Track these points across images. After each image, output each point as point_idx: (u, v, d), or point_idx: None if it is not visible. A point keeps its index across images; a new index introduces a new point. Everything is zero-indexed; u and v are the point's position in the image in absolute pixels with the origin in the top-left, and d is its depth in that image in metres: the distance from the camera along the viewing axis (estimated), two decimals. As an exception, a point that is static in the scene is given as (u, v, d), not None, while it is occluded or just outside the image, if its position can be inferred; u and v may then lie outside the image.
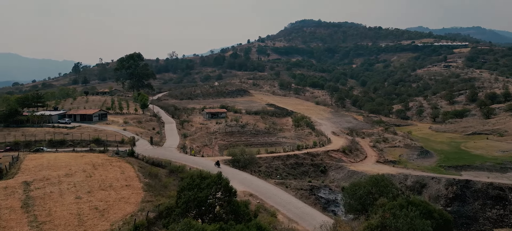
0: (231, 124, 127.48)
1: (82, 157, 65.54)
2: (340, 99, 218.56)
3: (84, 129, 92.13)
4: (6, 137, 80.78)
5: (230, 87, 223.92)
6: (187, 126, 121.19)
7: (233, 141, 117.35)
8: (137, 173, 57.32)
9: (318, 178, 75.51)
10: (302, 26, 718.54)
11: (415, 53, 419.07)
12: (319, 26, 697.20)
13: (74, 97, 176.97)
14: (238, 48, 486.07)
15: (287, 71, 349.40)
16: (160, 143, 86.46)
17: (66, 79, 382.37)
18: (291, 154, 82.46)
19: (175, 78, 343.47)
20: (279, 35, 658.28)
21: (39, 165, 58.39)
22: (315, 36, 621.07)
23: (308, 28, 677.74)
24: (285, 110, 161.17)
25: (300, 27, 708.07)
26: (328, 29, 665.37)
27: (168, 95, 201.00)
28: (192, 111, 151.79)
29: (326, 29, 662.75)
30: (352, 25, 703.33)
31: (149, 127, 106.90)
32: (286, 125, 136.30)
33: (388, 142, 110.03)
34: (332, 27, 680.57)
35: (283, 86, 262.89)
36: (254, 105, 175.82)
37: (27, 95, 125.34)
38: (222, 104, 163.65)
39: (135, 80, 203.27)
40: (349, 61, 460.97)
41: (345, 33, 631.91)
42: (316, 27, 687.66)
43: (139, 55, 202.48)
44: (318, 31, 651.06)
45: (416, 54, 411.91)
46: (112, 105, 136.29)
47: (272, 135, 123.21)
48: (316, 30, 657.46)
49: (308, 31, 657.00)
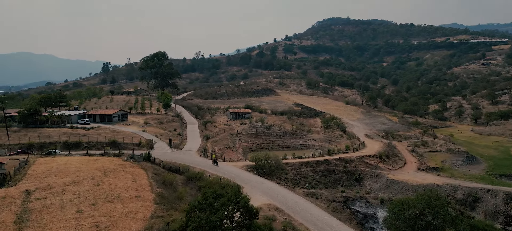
0: (256, 124, 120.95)
1: (94, 161, 60.80)
2: (371, 99, 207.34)
3: (102, 130, 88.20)
4: (22, 138, 77.77)
5: (256, 87, 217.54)
6: (210, 127, 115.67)
7: (257, 143, 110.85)
8: (150, 181, 51.65)
9: (352, 187, 67.53)
10: (330, 24, 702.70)
11: (450, 51, 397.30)
12: (347, 23, 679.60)
13: (99, 96, 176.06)
14: (265, 47, 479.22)
15: (314, 70, 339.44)
16: (179, 145, 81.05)
17: (96, 79, 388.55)
18: (321, 160, 74.79)
19: (201, 77, 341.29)
20: (306, 33, 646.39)
21: (47, 170, 53.92)
22: (344, 34, 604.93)
23: (336, 26, 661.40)
24: (313, 110, 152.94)
25: (328, 25, 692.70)
26: (357, 26, 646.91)
27: (192, 95, 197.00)
28: (216, 112, 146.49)
29: (355, 27, 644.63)
30: (382, 22, 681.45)
31: (170, 128, 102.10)
32: (314, 126, 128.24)
33: (428, 146, 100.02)
34: (361, 24, 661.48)
35: (311, 85, 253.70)
36: (280, 105, 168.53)
37: (50, 94, 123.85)
38: (247, 104, 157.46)
39: (160, 80, 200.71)
40: (379, 59, 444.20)
41: (375, 30, 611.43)
42: (345, 25, 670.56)
43: (163, 54, 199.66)
44: (346, 29, 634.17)
45: (451, 52, 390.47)
46: (135, 105, 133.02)
47: (300, 137, 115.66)
48: (344, 28, 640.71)
49: (336, 29, 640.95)
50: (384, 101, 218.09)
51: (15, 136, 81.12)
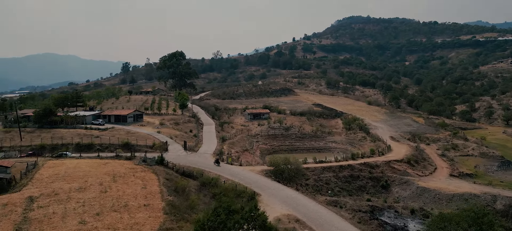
0: (275, 125, 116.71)
1: (104, 164, 57.99)
2: (394, 99, 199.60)
3: (116, 131, 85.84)
4: (35, 139, 76.14)
5: (274, 86, 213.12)
6: (227, 128, 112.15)
7: (276, 145, 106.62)
8: (161, 187, 48.25)
9: (379, 195, 62.49)
10: (350, 22, 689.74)
11: (476, 49, 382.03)
12: (368, 22, 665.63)
13: (117, 96, 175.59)
14: (283, 47, 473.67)
15: (334, 69, 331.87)
16: (195, 148, 77.70)
17: (116, 79, 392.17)
18: (344, 164, 69.93)
19: (219, 77, 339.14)
20: (326, 32, 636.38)
21: (55, 174, 51.32)
22: (364, 32, 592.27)
23: (357, 25, 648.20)
24: (334, 111, 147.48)
25: (348, 24, 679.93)
26: (377, 25, 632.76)
27: (210, 95, 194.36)
28: (233, 112, 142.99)
29: (375, 25, 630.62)
30: (404, 21, 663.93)
31: (186, 129, 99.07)
32: (335, 128, 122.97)
33: (458, 149, 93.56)
34: (382, 23, 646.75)
35: (331, 85, 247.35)
36: (299, 105, 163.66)
37: (67, 94, 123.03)
38: (265, 105, 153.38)
39: (177, 80, 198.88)
40: (401, 58, 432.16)
41: (397, 29, 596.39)
42: (365, 23, 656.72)
43: (181, 54, 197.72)
44: (367, 28, 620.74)
45: (478, 50, 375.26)
46: (151, 106, 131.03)
47: (320, 139, 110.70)
48: (365, 27, 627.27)
49: (356, 27, 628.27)
50: (407, 101, 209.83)
51: (29, 136, 79.62)
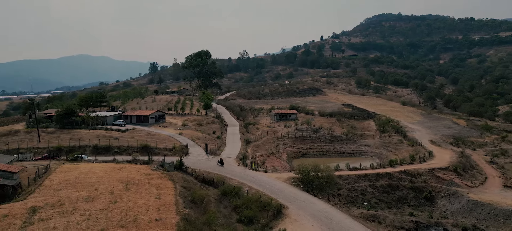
0: (302, 127, 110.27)
1: (119, 169, 53.97)
2: (429, 99, 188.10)
3: (136, 133, 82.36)
4: (53, 140, 73.65)
5: (302, 86, 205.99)
6: (252, 129, 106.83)
7: (304, 148, 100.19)
8: (177, 197, 43.40)
9: (422, 208, 55.15)
10: (380, 20, 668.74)
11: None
12: (399, 19, 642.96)
13: (142, 96, 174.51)
14: (311, 46, 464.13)
15: (364, 68, 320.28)
16: (217, 151, 72.77)
17: (144, 79, 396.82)
18: (381, 172, 62.78)
19: (245, 77, 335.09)
20: (355, 30, 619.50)
21: (65, 180, 47.62)
22: (395, 30, 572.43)
23: (387, 23, 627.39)
24: (365, 111, 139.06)
25: (378, 21, 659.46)
26: (409, 22, 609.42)
27: (235, 95, 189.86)
28: (259, 112, 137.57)
29: (407, 23, 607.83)
30: (437, 17, 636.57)
31: (209, 130, 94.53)
32: (368, 130, 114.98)
33: (508, 155, 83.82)
34: (414, 20, 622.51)
35: (361, 84, 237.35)
36: (328, 105, 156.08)
37: (91, 94, 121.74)
38: (292, 105, 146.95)
39: (203, 79, 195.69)
40: (435, 56, 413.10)
41: (430, 26, 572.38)
42: (396, 21, 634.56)
43: (206, 53, 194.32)
44: (398, 25, 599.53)
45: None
46: (176, 106, 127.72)
47: (352, 142, 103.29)
48: (396, 24, 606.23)
49: (387, 25, 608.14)
50: (444, 101, 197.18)
51: (48, 137, 77.38)
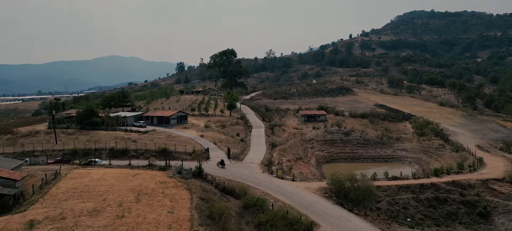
0: (332, 129, 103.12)
1: (133, 176, 49.43)
2: (469, 99, 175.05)
3: (156, 135, 78.24)
4: (69, 142, 70.56)
5: (330, 85, 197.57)
6: (278, 131, 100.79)
7: (334, 152, 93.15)
8: (193, 211, 38.07)
9: (476, 226, 47.46)
10: (411, 17, 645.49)
11: None
12: (432, 16, 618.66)
13: (167, 96, 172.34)
14: (339, 44, 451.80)
15: (396, 67, 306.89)
16: (240, 155, 67.27)
17: (172, 79, 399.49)
18: (426, 183, 55.17)
19: (272, 77, 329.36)
20: (385, 28, 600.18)
21: (73, 188, 43.43)
22: (428, 28, 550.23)
23: (419, 20, 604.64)
24: (400, 113, 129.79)
25: (410, 19, 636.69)
26: (443, 19, 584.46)
27: (261, 95, 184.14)
28: (285, 113, 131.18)
29: (441, 20, 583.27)
30: (473, 14, 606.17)
31: (232, 132, 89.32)
32: (404, 133, 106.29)
33: None
34: (448, 17, 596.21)
35: (393, 83, 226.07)
36: (359, 106, 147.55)
37: (114, 94, 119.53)
38: (320, 105, 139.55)
39: (228, 79, 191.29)
40: (472, 54, 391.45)
41: (466, 22, 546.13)
42: (429, 18, 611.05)
43: (232, 52, 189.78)
44: (431, 22, 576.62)
45: None
46: (199, 106, 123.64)
47: (387, 146, 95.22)
48: (429, 21, 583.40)
49: (419, 22, 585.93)
50: (485, 102, 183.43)
51: (66, 139, 74.67)
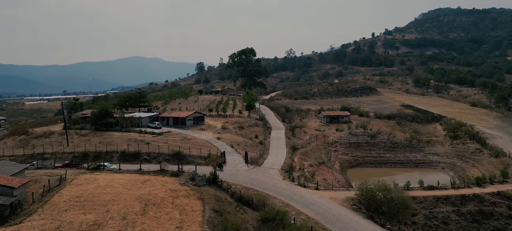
0: (357, 131, 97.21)
1: (142, 183, 45.62)
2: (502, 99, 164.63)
3: (171, 137, 74.54)
4: (80, 144, 67.64)
5: (353, 85, 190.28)
6: (299, 133, 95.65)
7: (359, 156, 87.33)
8: (204, 227, 33.75)
9: (531, 247, 41.01)
10: (437, 15, 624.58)
11: None
12: (458, 14, 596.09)
13: (186, 96, 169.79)
14: (361, 43, 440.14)
15: (421, 65, 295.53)
16: (259, 160, 62.60)
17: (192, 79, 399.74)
18: (467, 194, 49.03)
19: (292, 76, 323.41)
20: (409, 26, 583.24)
21: (77, 197, 39.90)
22: (455, 25, 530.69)
23: (445, 17, 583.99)
24: (429, 113, 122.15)
25: (435, 16, 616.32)
26: (471, 16, 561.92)
27: (281, 95, 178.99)
28: (306, 114, 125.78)
29: (468, 17, 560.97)
30: (503, 11, 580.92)
31: (251, 134, 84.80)
32: (434, 135, 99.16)
33: None
34: (476, 14, 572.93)
35: (419, 83, 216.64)
36: (384, 106, 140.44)
37: (130, 94, 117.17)
38: (343, 105, 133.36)
39: (247, 78, 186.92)
40: (502, 52, 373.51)
41: (495, 20, 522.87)
42: (455, 15, 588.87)
43: (251, 50, 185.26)
44: (458, 20, 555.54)
45: None
46: (217, 106, 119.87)
47: (417, 150, 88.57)
48: (455, 19, 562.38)
49: (445, 20, 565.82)
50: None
51: (78, 141, 71.98)
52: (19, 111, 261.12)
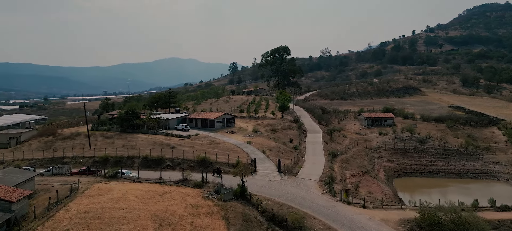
0: (403, 135, 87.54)
1: (161, 195, 39.97)
2: None
3: (198, 140, 69.06)
4: (102, 148, 63.51)
5: (395, 85, 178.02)
6: (338, 137, 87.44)
7: (407, 163, 77.91)
8: (227, 257, 27.21)
9: None
10: (483, 11, 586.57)
11: None
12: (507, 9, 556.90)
13: (218, 97, 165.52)
14: (401, 41, 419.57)
15: (468, 64, 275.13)
16: (293, 169, 55.48)
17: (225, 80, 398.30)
18: (556, 218, 39.34)
19: (327, 76, 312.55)
20: (453, 23, 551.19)
21: (85, 212, 34.74)
22: (503, 21, 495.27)
23: (493, 13, 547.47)
24: (484, 116, 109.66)
25: (481, 12, 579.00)
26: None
27: (316, 95, 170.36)
28: (344, 116, 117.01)
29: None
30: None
31: (284, 137, 77.74)
32: (493, 141, 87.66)
33: None
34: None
35: (467, 82, 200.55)
36: (431, 108, 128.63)
37: (160, 94, 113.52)
38: (385, 107, 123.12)
39: (280, 78, 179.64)
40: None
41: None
42: (504, 11, 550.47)
43: (285, 49, 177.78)
44: (507, 15, 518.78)
45: None
46: (249, 107, 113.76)
47: (474, 158, 77.83)
48: (504, 15, 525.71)
49: (492, 16, 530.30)
50: None
51: (102, 143, 68.14)
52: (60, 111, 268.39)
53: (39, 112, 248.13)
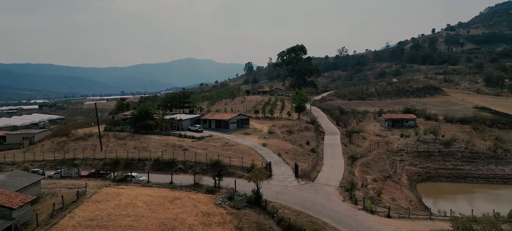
0: (426, 138, 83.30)
1: (171, 202, 37.77)
2: None
3: (212, 142, 66.84)
4: (114, 149, 61.92)
5: (415, 84, 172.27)
6: (357, 139, 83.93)
7: (431, 167, 73.85)
8: (239, 275, 24.64)
9: None
10: (506, 8, 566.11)
11: None
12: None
13: (233, 97, 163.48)
14: (420, 40, 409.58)
15: (491, 63, 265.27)
16: (311, 173, 52.55)
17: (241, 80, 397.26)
18: None
19: (344, 75, 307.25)
20: (474, 21, 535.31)
21: (90, 220, 32.76)
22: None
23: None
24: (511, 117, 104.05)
25: (504, 9, 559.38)
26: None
27: (333, 95, 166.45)
28: (363, 116, 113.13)
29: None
30: None
31: (301, 139, 74.74)
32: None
33: None
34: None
35: (492, 82, 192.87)
36: (454, 108, 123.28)
37: (175, 94, 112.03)
38: (406, 107, 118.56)
39: (296, 77, 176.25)
40: None
41: None
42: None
43: (301, 48, 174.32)
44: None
45: None
46: (264, 108, 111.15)
47: (504, 162, 73.22)
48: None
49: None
50: None
51: (114, 144, 66.71)
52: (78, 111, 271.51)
53: (57, 112, 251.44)
